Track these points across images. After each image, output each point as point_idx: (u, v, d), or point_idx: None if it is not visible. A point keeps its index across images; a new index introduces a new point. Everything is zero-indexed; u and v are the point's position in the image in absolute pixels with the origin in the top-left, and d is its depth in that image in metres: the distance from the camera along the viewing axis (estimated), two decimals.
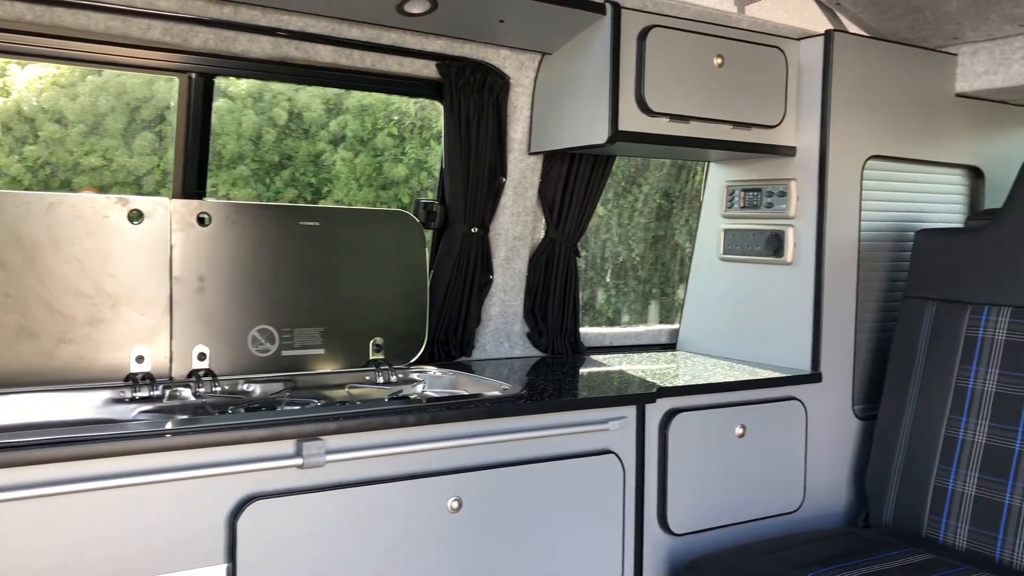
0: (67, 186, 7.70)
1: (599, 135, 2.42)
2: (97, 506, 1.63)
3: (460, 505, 1.98)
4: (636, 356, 2.96)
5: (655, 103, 2.42)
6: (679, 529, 2.38)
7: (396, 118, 7.80)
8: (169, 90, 7.56)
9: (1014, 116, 3.12)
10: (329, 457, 1.83)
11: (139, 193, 7.09)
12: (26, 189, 7.13)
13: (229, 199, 8.03)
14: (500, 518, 2.04)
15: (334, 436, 1.85)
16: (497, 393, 2.14)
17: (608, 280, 7.88)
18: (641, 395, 2.30)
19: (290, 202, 7.74)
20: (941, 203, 3.03)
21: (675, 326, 3.21)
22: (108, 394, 2.06)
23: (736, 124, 2.60)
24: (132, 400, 2.07)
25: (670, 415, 2.36)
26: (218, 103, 8.11)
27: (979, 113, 3.01)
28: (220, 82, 2.47)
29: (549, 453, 2.13)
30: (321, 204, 7.82)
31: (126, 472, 1.65)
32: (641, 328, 3.23)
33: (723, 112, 2.55)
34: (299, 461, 1.80)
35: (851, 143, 2.72)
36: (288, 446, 1.81)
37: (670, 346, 3.19)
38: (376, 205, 7.58)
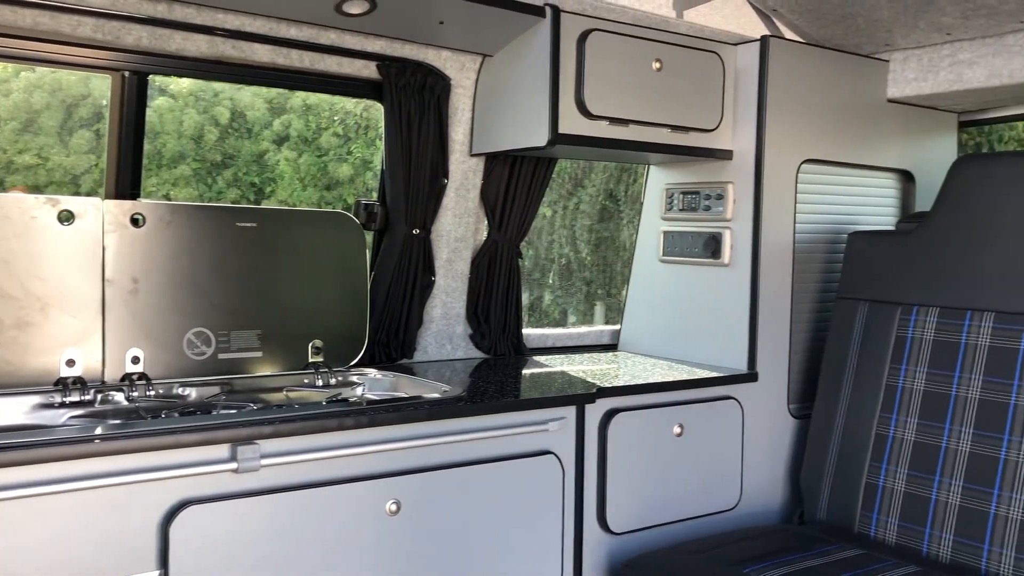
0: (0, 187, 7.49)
1: (539, 138, 2.43)
2: (24, 514, 1.59)
3: (398, 508, 1.98)
4: (578, 357, 2.98)
5: (595, 106, 2.44)
6: (618, 528, 2.40)
7: (340, 118, 7.73)
8: (106, 88, 7.41)
9: (943, 121, 3.21)
10: (264, 461, 1.81)
11: (77, 193, 6.92)
12: None
13: (170, 199, 7.89)
14: (439, 520, 2.04)
15: (269, 440, 1.83)
16: (437, 395, 2.14)
17: (553, 281, 7.92)
18: (581, 395, 2.31)
19: (233, 202, 7.63)
20: (874, 206, 3.10)
21: (617, 327, 3.23)
22: (37, 399, 2.01)
23: (674, 128, 2.63)
24: (62, 405, 2.03)
25: (609, 415, 2.38)
26: (158, 102, 7.96)
27: (910, 118, 3.09)
28: (161, 80, 2.43)
29: (488, 455, 2.13)
30: (265, 204, 7.73)
31: (54, 479, 1.62)
32: (584, 329, 3.25)
33: (661, 116, 2.59)
34: (234, 465, 1.78)
35: (786, 147, 2.78)
36: (222, 450, 1.78)
37: (612, 347, 3.21)
38: (321, 205, 7.51)
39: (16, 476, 1.58)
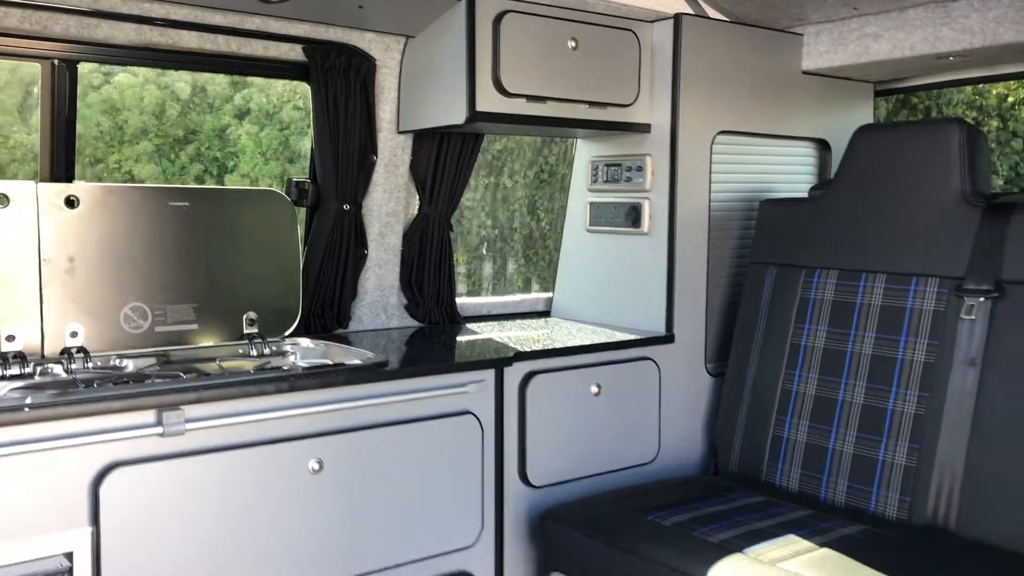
0: None
1: (458, 115, 2.55)
2: None
3: (321, 467, 2.12)
4: (509, 324, 3.13)
5: (511, 84, 2.57)
6: (539, 482, 2.56)
7: (301, 92, 7.79)
8: None
9: (859, 91, 3.35)
10: (189, 426, 1.95)
11: (35, 171, 6.98)
12: None
13: (132, 175, 7.96)
14: (360, 478, 2.18)
15: (193, 406, 1.96)
16: (358, 361, 2.28)
17: (516, 250, 8.05)
18: (498, 360, 2.46)
19: (196, 177, 7.70)
20: (793, 174, 3.25)
21: (550, 295, 3.38)
22: None
23: (592, 103, 2.76)
24: (3, 378, 2.15)
25: (528, 377, 2.53)
26: (119, 78, 8.00)
27: (826, 89, 3.23)
28: None
29: (408, 416, 2.28)
30: (228, 178, 7.80)
31: None
32: (519, 297, 3.40)
33: (578, 92, 2.71)
34: (160, 430, 1.91)
35: (700, 120, 2.91)
36: (149, 416, 1.92)
37: (546, 313, 3.36)
38: (284, 178, 7.58)
39: None
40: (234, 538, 2.00)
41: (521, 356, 2.51)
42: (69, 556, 1.83)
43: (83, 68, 2.49)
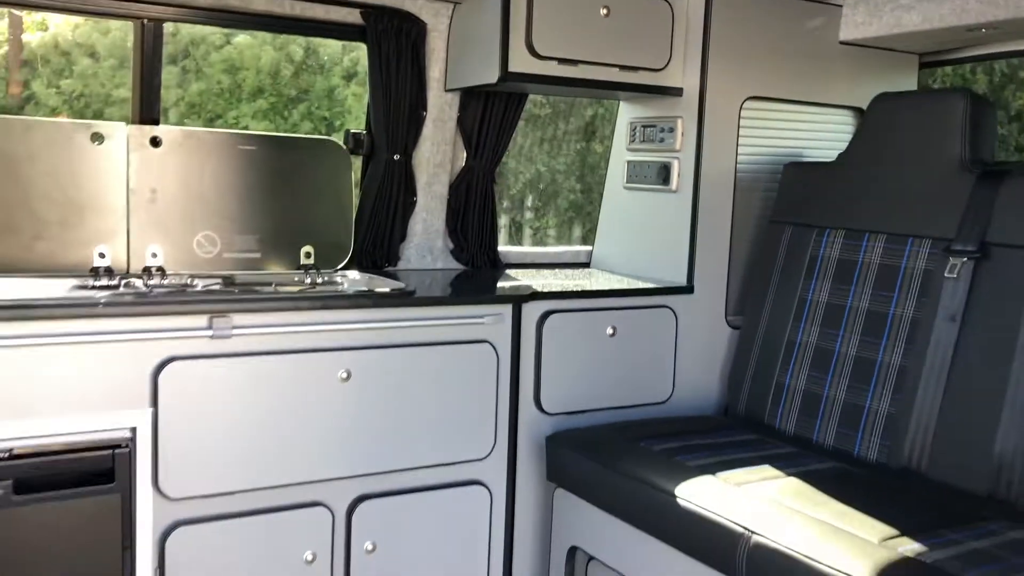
0: (100, 116, 8.25)
1: (492, 75, 2.82)
2: (57, 356, 2.12)
3: (349, 376, 2.46)
4: (547, 272, 3.39)
5: (543, 48, 2.81)
6: (552, 409, 2.83)
7: None
8: (191, 28, 8.02)
9: (903, 62, 3.43)
10: (235, 331, 2.31)
11: (166, 123, 7.66)
12: (63, 120, 7.69)
13: (249, 130, 8.53)
14: (384, 389, 2.51)
15: (240, 315, 2.32)
16: (386, 289, 2.61)
17: (582, 204, 8.18)
18: (516, 296, 2.74)
19: (306, 134, 8.22)
20: (829, 140, 3.36)
21: (591, 248, 3.62)
22: (74, 282, 2.55)
23: (623, 67, 2.98)
24: (93, 288, 2.56)
25: (545, 315, 2.80)
26: (239, 39, 8.55)
27: (865, 59, 3.33)
28: None
29: (430, 340, 2.59)
30: (334, 136, 8.26)
31: (77, 332, 2.14)
32: (561, 248, 3.65)
33: (610, 56, 2.93)
34: (210, 333, 2.28)
35: (729, 85, 3.08)
36: (202, 320, 2.29)
37: (585, 264, 3.61)
38: None
39: (50, 328, 2.11)
40: (269, 430, 2.36)
41: (538, 295, 2.78)
42: (133, 430, 2.22)
43: (206, 30, 2.88)
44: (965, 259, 2.44)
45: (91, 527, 2.16)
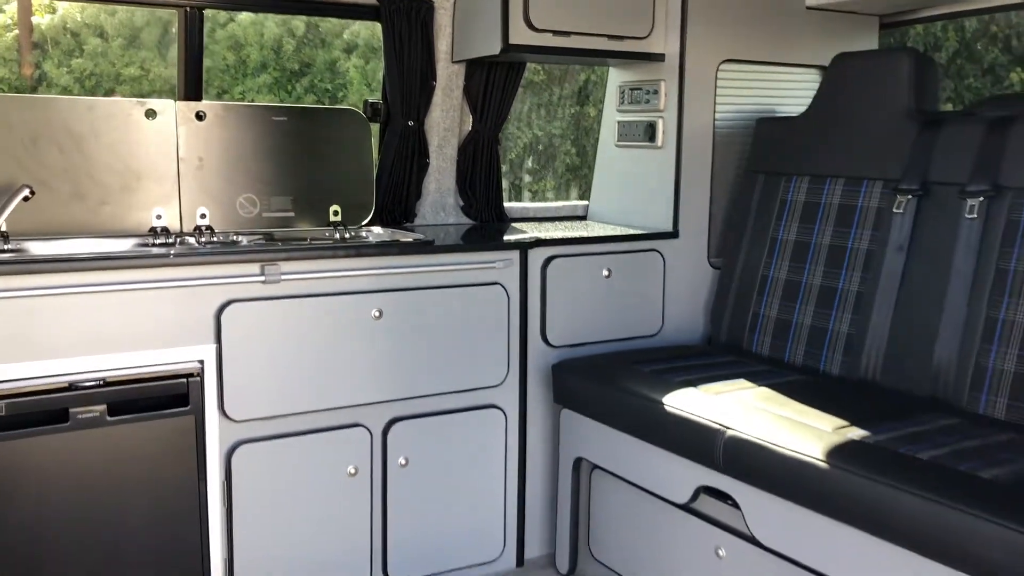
0: (111, 94, 8.57)
1: (494, 47, 3.18)
2: (137, 300, 2.50)
3: (381, 315, 2.85)
4: (548, 224, 3.77)
5: (539, 21, 3.16)
6: (556, 342, 3.23)
7: None
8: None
9: (864, 24, 3.78)
10: (284, 277, 2.70)
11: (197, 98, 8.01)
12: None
13: (254, 102, 8.91)
14: (411, 326, 2.90)
15: (287, 263, 2.71)
16: (409, 239, 2.99)
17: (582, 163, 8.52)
18: (523, 243, 3.12)
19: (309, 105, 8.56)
20: (800, 98, 3.73)
21: (587, 202, 4.00)
22: (136, 241, 2.93)
23: (612, 36, 3.33)
24: (153, 245, 2.94)
25: (548, 260, 3.18)
26: (242, 16, 8.85)
27: (829, 22, 3.68)
28: None
29: (449, 283, 2.97)
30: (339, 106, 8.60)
31: (154, 280, 2.52)
32: (560, 203, 4.03)
33: (599, 27, 3.29)
34: (262, 279, 2.67)
35: (706, 49, 3.44)
36: (255, 268, 2.67)
37: (582, 217, 3.99)
38: None
39: (131, 276, 2.49)
40: (315, 361, 2.75)
41: (542, 242, 3.16)
42: (201, 362, 2.61)
43: (209, 11, 3.22)
44: (910, 196, 2.82)
45: (171, 444, 2.56)
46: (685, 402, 2.63)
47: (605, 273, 3.30)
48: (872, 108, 3.02)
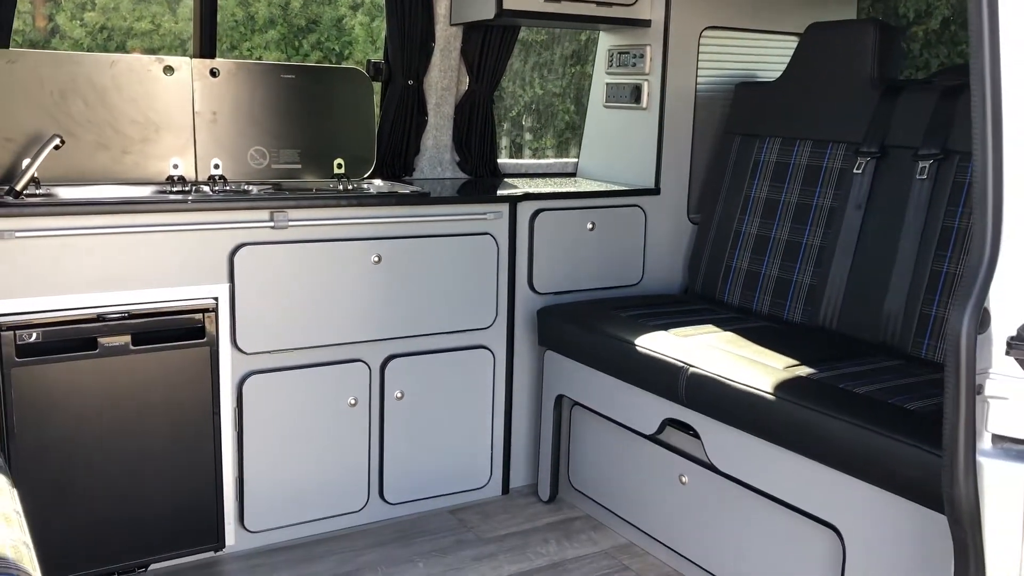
0: (122, 48, 8.75)
1: (489, 12, 3.39)
2: (158, 241, 2.75)
3: (380, 260, 3.10)
4: (539, 180, 4.00)
5: None
6: (542, 290, 3.48)
7: None
8: None
9: None
10: (291, 223, 2.94)
11: (184, 53, 8.22)
12: (87, 51, 8.18)
13: (261, 59, 9.06)
14: (407, 270, 3.15)
15: (295, 210, 2.95)
16: (407, 191, 3.23)
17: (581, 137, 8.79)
18: (512, 197, 3.36)
19: (315, 63, 8.74)
20: (779, 62, 3.93)
21: (576, 160, 4.23)
22: (154, 188, 3.18)
23: (600, 3, 3.54)
24: (170, 192, 3.18)
25: (536, 213, 3.43)
26: None
27: None
28: None
29: (443, 232, 3.22)
30: (344, 65, 8.79)
31: (173, 223, 2.77)
32: (551, 161, 4.26)
33: None
34: (271, 224, 2.92)
35: (689, 16, 3.65)
36: (265, 215, 2.92)
37: (572, 175, 4.22)
38: None
39: (152, 219, 2.74)
40: (319, 301, 3.01)
41: (530, 196, 3.41)
42: (216, 299, 2.87)
43: None
44: (869, 158, 3.06)
45: (188, 372, 2.84)
46: (655, 343, 2.89)
47: (589, 226, 3.54)
48: (839, 75, 3.24)
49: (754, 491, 2.61)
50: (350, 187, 3.47)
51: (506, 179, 3.96)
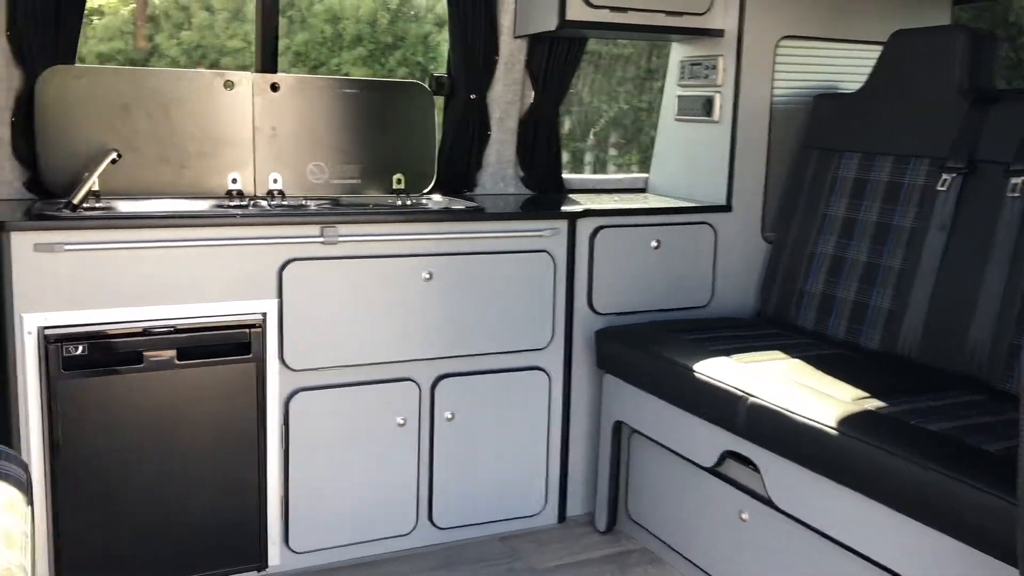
0: (216, 66, 9.00)
1: (551, 23, 3.29)
2: (207, 256, 2.73)
3: (431, 276, 3.02)
4: (605, 196, 3.86)
5: None
6: (603, 310, 3.34)
7: None
8: None
9: (936, 1, 3.73)
10: (342, 238, 2.89)
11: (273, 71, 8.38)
12: (183, 68, 8.45)
13: (349, 76, 9.19)
14: (459, 288, 3.06)
15: (346, 225, 2.90)
16: (461, 206, 3.15)
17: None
18: (571, 213, 3.24)
19: (402, 78, 8.80)
20: (864, 73, 3.71)
21: (647, 175, 4.08)
22: (213, 202, 3.18)
23: (669, 12, 3.40)
24: (228, 207, 3.18)
25: (597, 229, 3.30)
26: None
27: None
28: None
29: (497, 249, 3.12)
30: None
31: (221, 237, 2.75)
32: (620, 176, 4.13)
33: (657, 3, 3.36)
34: (322, 239, 2.87)
35: (765, 25, 3.47)
36: (315, 230, 2.87)
37: (642, 190, 4.07)
38: None
39: (202, 234, 2.73)
40: (368, 318, 2.95)
41: (590, 212, 3.28)
42: (264, 315, 2.84)
43: None
44: (955, 174, 2.82)
45: (234, 388, 2.81)
46: (714, 369, 2.72)
47: (654, 244, 3.39)
48: (925, 85, 3.01)
49: (816, 532, 2.41)
50: (408, 202, 3.41)
51: (571, 195, 3.84)
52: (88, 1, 3.01)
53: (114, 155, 2.89)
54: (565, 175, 3.91)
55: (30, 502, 1.85)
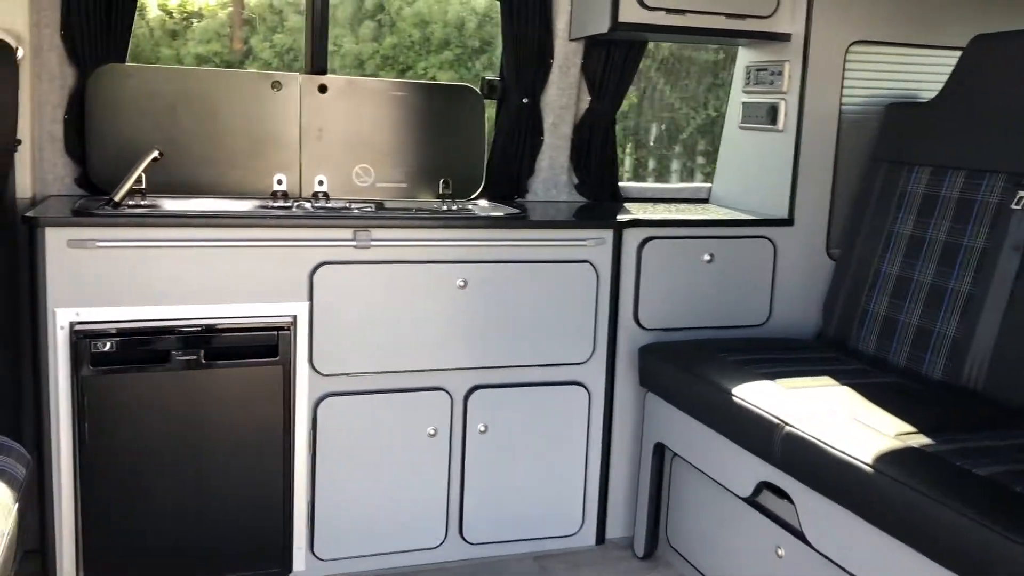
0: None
1: (604, 25, 3.17)
2: (238, 256, 2.71)
3: (465, 284, 2.94)
4: (663, 206, 3.71)
5: None
6: (649, 325, 3.20)
7: None
8: None
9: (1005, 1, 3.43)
10: (374, 243, 2.84)
11: (363, 74, 8.44)
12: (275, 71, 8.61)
13: (435, 79, 9.22)
14: (495, 297, 2.97)
15: (378, 230, 2.85)
16: (500, 214, 3.05)
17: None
18: (617, 222, 3.11)
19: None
20: (942, 80, 3.45)
21: (711, 184, 3.90)
22: (258, 202, 3.17)
23: (730, 15, 3.23)
24: (272, 207, 3.17)
25: (645, 240, 3.15)
26: None
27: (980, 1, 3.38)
28: None
29: (536, 258, 3.01)
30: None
31: (253, 238, 2.73)
32: (681, 185, 3.96)
33: (716, 5, 3.20)
34: (354, 243, 2.82)
35: (834, 30, 3.26)
36: (348, 233, 2.83)
37: (704, 200, 3.90)
38: None
39: (234, 234, 2.71)
40: (400, 324, 2.89)
41: (638, 222, 3.14)
42: (294, 317, 2.81)
43: None
44: None
45: (261, 390, 2.78)
46: (753, 394, 2.55)
47: (707, 258, 3.23)
48: (1005, 95, 2.77)
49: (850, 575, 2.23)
50: (454, 207, 3.35)
51: (626, 204, 3.71)
52: (138, 1, 3.05)
53: (156, 154, 2.91)
54: (624, 183, 3.77)
55: (19, 499, 1.85)
